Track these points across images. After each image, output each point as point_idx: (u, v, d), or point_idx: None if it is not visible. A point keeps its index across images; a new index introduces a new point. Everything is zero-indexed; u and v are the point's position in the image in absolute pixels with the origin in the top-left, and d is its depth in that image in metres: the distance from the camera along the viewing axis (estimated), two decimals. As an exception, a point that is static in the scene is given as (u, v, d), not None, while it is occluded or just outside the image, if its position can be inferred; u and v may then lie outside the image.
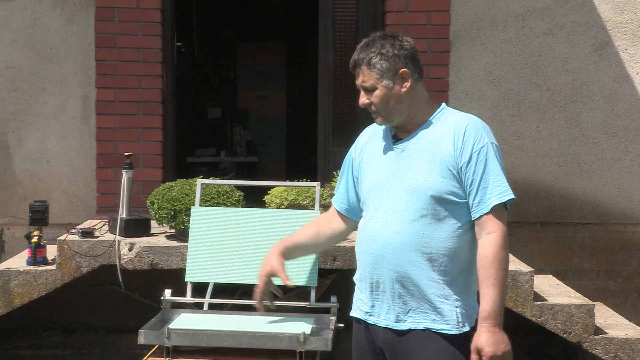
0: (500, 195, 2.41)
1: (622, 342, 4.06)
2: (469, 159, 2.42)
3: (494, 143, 2.46)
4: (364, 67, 2.49)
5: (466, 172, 2.42)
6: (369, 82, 2.49)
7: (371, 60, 2.47)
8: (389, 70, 2.47)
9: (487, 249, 2.39)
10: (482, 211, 2.41)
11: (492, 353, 2.33)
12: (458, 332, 2.44)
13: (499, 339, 2.35)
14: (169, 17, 5.16)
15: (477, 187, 2.41)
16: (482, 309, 2.37)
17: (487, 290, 2.36)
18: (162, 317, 2.97)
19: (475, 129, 2.46)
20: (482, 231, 2.42)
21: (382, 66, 2.46)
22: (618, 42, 5.20)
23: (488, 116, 5.13)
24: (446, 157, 2.44)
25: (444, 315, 2.44)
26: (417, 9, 5.03)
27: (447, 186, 2.43)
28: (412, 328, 2.46)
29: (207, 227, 3.24)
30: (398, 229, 2.45)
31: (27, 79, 5.07)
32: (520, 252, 4.93)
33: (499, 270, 2.37)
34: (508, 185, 2.44)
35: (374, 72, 2.47)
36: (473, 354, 2.36)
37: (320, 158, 5.31)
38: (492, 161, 2.43)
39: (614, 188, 5.24)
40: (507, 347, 2.36)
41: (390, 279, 2.48)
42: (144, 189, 4.82)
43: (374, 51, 2.48)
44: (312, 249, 2.82)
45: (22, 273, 4.09)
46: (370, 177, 2.58)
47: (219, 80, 9.79)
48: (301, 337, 2.61)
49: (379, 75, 2.47)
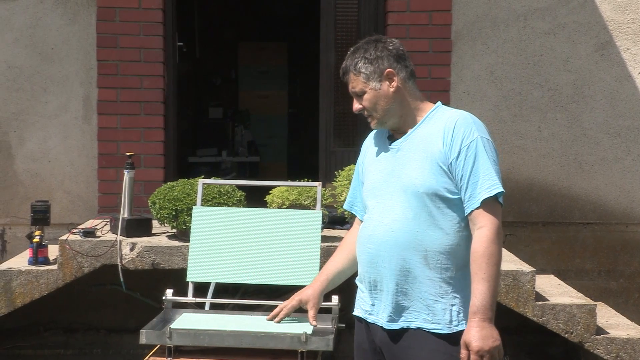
0: (489, 189, 2.39)
1: (624, 342, 4.05)
2: (458, 153, 2.42)
3: (484, 137, 2.45)
4: (352, 73, 2.54)
5: (456, 167, 2.42)
6: (358, 87, 2.54)
7: (356, 65, 2.52)
8: (374, 72, 2.51)
9: (477, 244, 2.39)
10: (473, 206, 2.40)
11: (479, 348, 2.32)
12: (449, 331, 2.43)
13: (487, 334, 2.34)
14: (171, 17, 5.16)
15: (467, 182, 2.41)
16: (472, 304, 2.36)
17: (476, 285, 2.36)
18: (163, 316, 2.97)
19: (464, 124, 2.45)
20: (474, 226, 2.41)
21: (367, 69, 2.51)
22: (620, 42, 5.20)
23: (489, 116, 5.13)
24: (437, 153, 2.44)
25: (436, 314, 2.44)
26: (419, 9, 5.03)
27: (438, 183, 2.42)
28: (404, 327, 2.46)
29: (209, 227, 3.24)
30: (393, 227, 2.46)
31: (29, 79, 5.07)
32: (522, 252, 4.93)
33: (489, 264, 2.36)
34: (497, 179, 2.41)
35: (361, 76, 2.52)
36: (462, 349, 2.36)
37: (321, 158, 5.31)
38: (482, 155, 2.42)
39: (616, 188, 5.23)
40: (496, 343, 2.34)
41: (387, 277, 2.48)
42: (145, 189, 4.82)
43: (358, 56, 2.53)
44: (351, 269, 2.80)
45: (23, 273, 4.10)
46: (369, 179, 2.61)
47: (220, 80, 9.80)
48: (303, 337, 2.61)
49: (365, 79, 2.52)
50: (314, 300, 2.72)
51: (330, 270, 2.76)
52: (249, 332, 2.70)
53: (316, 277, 2.79)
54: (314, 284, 2.75)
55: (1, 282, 4.08)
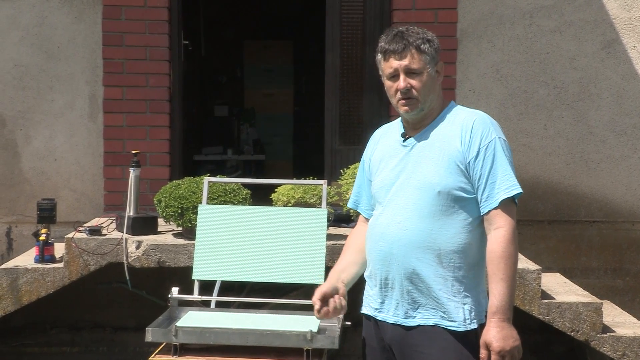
0: (508, 190, 2.40)
1: (630, 340, 4.04)
2: (477, 153, 2.42)
3: (501, 138, 2.47)
4: (414, 50, 2.49)
5: (474, 167, 2.42)
6: (418, 65, 2.49)
7: (421, 45, 2.49)
8: (433, 58, 2.51)
9: (495, 244, 2.39)
10: (490, 206, 2.41)
11: (500, 348, 2.33)
12: (465, 329, 2.43)
13: (508, 334, 2.34)
14: (176, 16, 5.16)
15: (485, 182, 2.41)
16: (491, 304, 2.37)
17: (495, 285, 2.36)
18: (169, 314, 2.98)
19: (482, 124, 2.47)
20: (491, 226, 2.41)
21: (431, 53, 2.50)
22: (626, 40, 5.18)
23: (495, 114, 5.10)
24: (454, 152, 2.44)
25: (451, 312, 2.44)
26: (425, 7, 5.02)
27: (455, 182, 2.43)
28: (421, 324, 2.46)
29: (214, 225, 3.24)
30: (406, 225, 2.45)
31: (35, 77, 5.08)
32: (528, 250, 4.91)
33: (507, 265, 2.36)
34: (516, 180, 2.43)
35: (424, 57, 2.49)
36: (482, 349, 2.36)
37: (327, 156, 5.31)
38: (500, 156, 2.43)
39: (622, 186, 5.22)
40: (516, 343, 2.35)
41: (399, 275, 2.48)
42: (151, 187, 4.83)
43: (421, 37, 2.50)
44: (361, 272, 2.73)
45: (30, 271, 4.11)
46: (380, 176, 2.59)
47: (225, 78, 9.80)
48: (308, 335, 2.61)
49: (427, 61, 2.50)
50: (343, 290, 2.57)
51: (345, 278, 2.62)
52: (254, 330, 2.70)
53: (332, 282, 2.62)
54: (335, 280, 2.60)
55: (8, 280, 4.09)
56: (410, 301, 2.47)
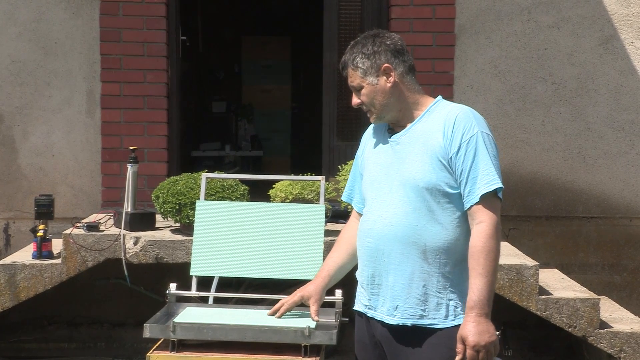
0: (487, 185, 2.39)
1: (628, 336, 4.05)
2: (458, 148, 2.41)
3: (484, 132, 2.44)
4: (350, 68, 2.55)
5: (456, 162, 2.42)
6: (355, 82, 2.55)
7: (354, 60, 2.53)
8: (371, 67, 2.51)
9: (475, 239, 2.39)
10: (472, 201, 2.40)
11: (475, 342, 2.32)
12: (444, 326, 2.43)
13: (484, 329, 2.34)
14: (174, 11, 5.16)
15: (467, 177, 2.41)
16: (469, 299, 2.36)
17: (474, 280, 2.36)
18: (167, 310, 2.98)
19: (465, 118, 2.45)
20: (473, 221, 2.41)
21: (364, 64, 2.51)
22: (624, 36, 5.18)
23: (493, 110, 5.12)
24: (437, 148, 2.44)
25: (432, 309, 2.44)
26: (422, 3, 5.02)
27: (439, 178, 2.42)
28: (400, 323, 2.46)
29: (212, 221, 3.24)
30: (392, 221, 2.46)
31: (32, 73, 5.07)
32: (525, 246, 4.92)
33: (487, 259, 2.36)
34: (497, 174, 2.41)
35: (358, 71, 2.52)
36: (458, 343, 2.36)
37: (324, 152, 5.31)
38: (482, 150, 2.41)
39: (620, 182, 5.22)
40: (492, 338, 2.35)
41: (386, 272, 2.48)
42: (149, 183, 4.83)
43: (356, 51, 2.54)
44: (351, 263, 2.79)
45: (27, 267, 4.11)
46: (368, 172, 2.61)
47: (223, 74, 9.79)
48: (306, 331, 2.61)
49: (362, 74, 2.52)
50: (316, 297, 2.71)
51: (331, 265, 2.75)
52: (252, 326, 2.70)
53: (317, 273, 2.78)
54: (316, 280, 2.75)
55: (5, 276, 4.09)
56: (392, 299, 2.47)
